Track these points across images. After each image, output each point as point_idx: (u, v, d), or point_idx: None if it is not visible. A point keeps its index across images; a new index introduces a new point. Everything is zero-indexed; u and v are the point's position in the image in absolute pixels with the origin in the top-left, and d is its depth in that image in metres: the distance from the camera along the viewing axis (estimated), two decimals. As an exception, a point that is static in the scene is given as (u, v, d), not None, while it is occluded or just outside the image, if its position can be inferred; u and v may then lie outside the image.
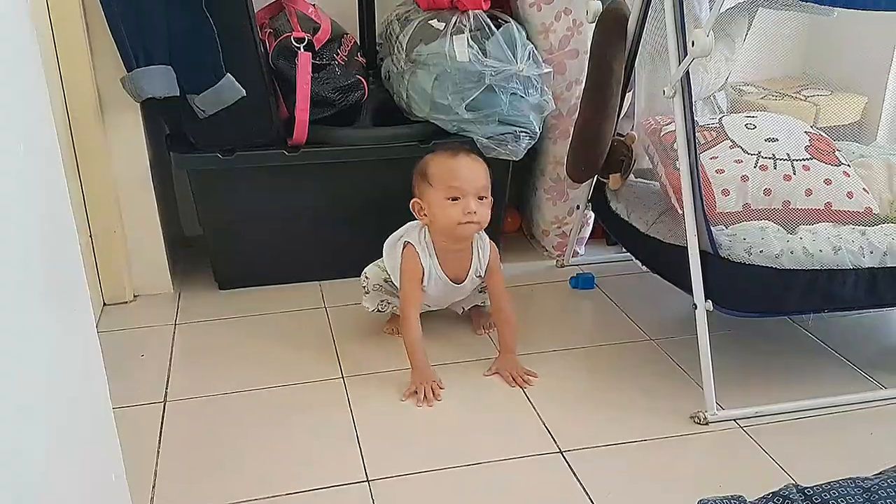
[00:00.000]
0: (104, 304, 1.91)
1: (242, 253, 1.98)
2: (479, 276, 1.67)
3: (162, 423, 1.47)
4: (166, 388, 1.58)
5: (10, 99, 0.79)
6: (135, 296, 1.95)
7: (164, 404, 1.53)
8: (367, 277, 1.73)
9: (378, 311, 1.74)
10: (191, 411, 1.51)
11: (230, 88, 1.75)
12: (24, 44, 0.85)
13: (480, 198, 1.56)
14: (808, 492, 1.02)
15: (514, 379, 1.58)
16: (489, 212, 1.58)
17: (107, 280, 1.90)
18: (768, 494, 1.03)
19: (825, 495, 1.01)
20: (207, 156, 1.81)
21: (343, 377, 1.61)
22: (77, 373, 0.93)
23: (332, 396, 1.55)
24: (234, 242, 1.96)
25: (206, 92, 1.74)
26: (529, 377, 1.59)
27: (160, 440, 1.42)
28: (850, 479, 1.07)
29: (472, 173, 1.56)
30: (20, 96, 0.82)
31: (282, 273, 2.00)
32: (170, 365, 1.67)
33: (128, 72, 1.70)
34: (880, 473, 1.10)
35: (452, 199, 1.54)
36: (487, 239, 1.67)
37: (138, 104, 1.79)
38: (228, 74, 1.74)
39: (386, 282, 1.72)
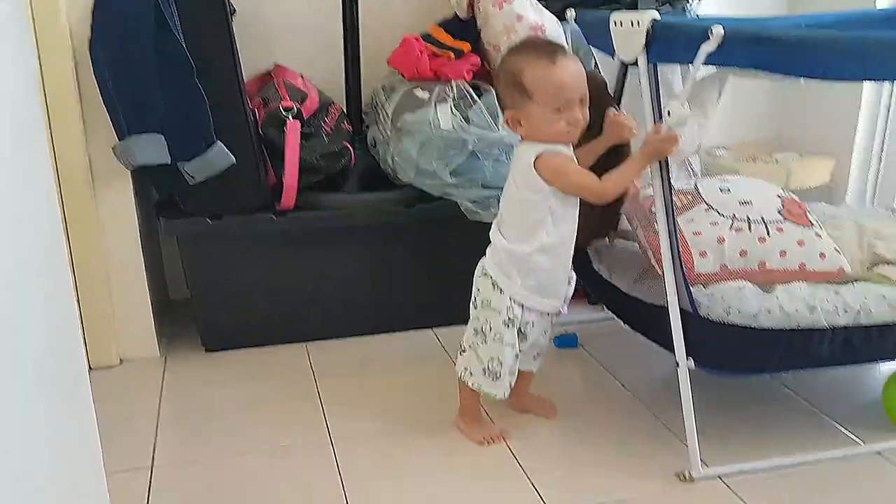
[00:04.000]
0: (90, 368, 1.91)
1: (230, 315, 1.99)
2: None
3: (149, 489, 1.46)
4: (153, 453, 1.57)
5: (18, 175, 0.82)
6: (121, 360, 1.95)
7: (152, 469, 1.52)
8: (500, 362, 1.52)
9: (504, 396, 1.55)
10: (178, 477, 1.50)
11: (220, 156, 1.80)
12: (33, 123, 0.89)
13: (582, 101, 1.43)
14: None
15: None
16: (587, 113, 1.45)
17: (93, 344, 1.90)
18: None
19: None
20: (196, 221, 1.85)
21: (331, 441, 1.61)
22: (76, 441, 0.94)
23: (320, 461, 1.55)
24: (222, 305, 1.98)
25: (197, 159, 1.78)
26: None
27: (147, 506, 1.42)
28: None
29: (576, 80, 1.41)
30: (28, 171, 0.86)
31: (269, 335, 2.02)
32: (157, 429, 1.66)
33: (119, 140, 1.75)
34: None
35: (558, 111, 1.41)
36: None
37: (129, 172, 1.83)
38: (219, 142, 1.79)
39: (517, 358, 1.54)
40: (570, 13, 1.82)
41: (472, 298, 1.55)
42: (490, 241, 1.54)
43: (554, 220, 1.47)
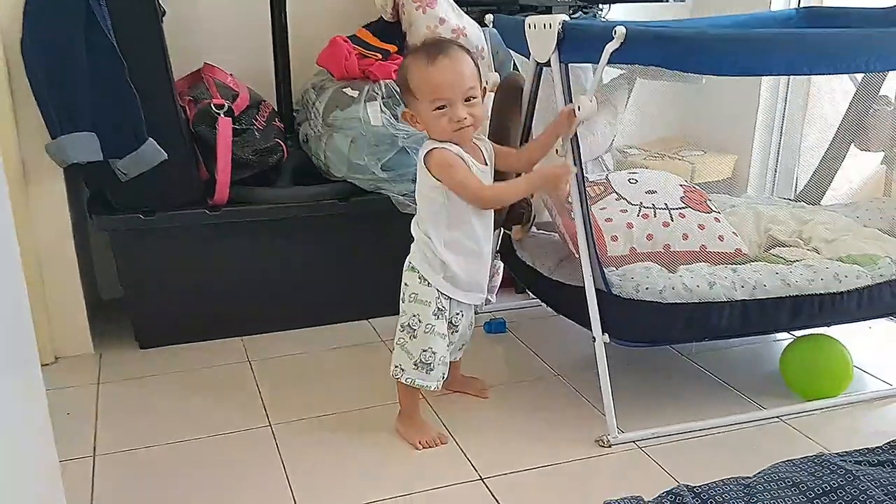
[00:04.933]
0: (22, 367, 1.90)
1: (163, 311, 2.02)
2: (489, 162, 1.58)
3: (93, 476, 1.49)
4: (94, 444, 1.60)
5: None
6: (56, 358, 1.96)
7: (94, 458, 1.55)
8: (433, 352, 1.54)
9: (436, 387, 1.58)
10: (120, 464, 1.54)
11: (152, 152, 1.83)
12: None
13: (468, 99, 1.45)
14: (697, 490, 1.17)
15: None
16: (482, 109, 1.48)
17: (25, 343, 1.90)
18: (663, 493, 1.17)
19: (711, 492, 1.16)
20: (129, 216, 1.88)
21: (270, 425, 1.67)
22: (33, 431, 0.97)
23: (261, 444, 1.61)
24: (155, 301, 2.00)
25: (129, 156, 1.82)
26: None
27: (92, 493, 1.44)
28: (732, 478, 1.23)
29: (454, 76, 1.43)
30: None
31: (203, 330, 2.05)
32: (96, 422, 1.69)
33: (52, 138, 1.77)
34: (758, 473, 1.26)
35: (439, 109, 1.44)
36: (484, 138, 1.61)
37: (62, 169, 1.84)
38: (150, 139, 1.82)
39: (448, 348, 1.58)
40: (489, 18, 1.94)
41: (401, 294, 1.58)
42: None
43: (451, 215, 1.51)
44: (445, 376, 1.59)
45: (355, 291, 2.15)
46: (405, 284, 1.57)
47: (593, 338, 1.62)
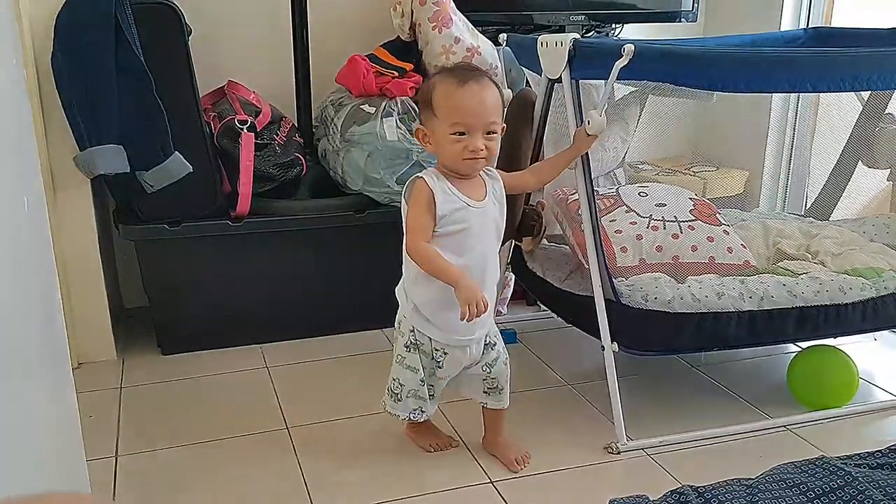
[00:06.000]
0: (48, 372, 1.97)
1: (186, 319, 2.08)
2: (498, 201, 1.49)
3: (115, 476, 1.55)
4: (117, 445, 1.66)
5: (16, 160, 0.93)
6: (79, 363, 2.02)
7: (116, 459, 1.61)
8: (401, 384, 1.51)
9: (410, 419, 1.55)
10: (142, 465, 1.59)
11: (178, 165, 1.90)
12: (26, 117, 1.00)
13: (488, 132, 1.40)
14: (700, 489, 1.20)
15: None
16: (498, 144, 1.43)
17: (52, 349, 1.96)
18: (667, 493, 1.21)
19: (714, 491, 1.19)
20: (155, 227, 1.94)
21: (287, 428, 1.72)
22: (64, 430, 1.03)
23: (278, 446, 1.65)
24: (178, 309, 2.07)
25: (155, 168, 1.88)
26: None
27: (115, 492, 1.50)
28: (735, 479, 1.26)
29: (480, 106, 1.38)
30: (24, 162, 0.97)
31: (224, 337, 2.11)
32: (118, 424, 1.74)
33: (80, 150, 1.84)
34: (760, 475, 1.29)
35: (458, 134, 1.39)
36: (494, 171, 1.52)
37: (89, 180, 1.91)
38: (176, 152, 1.89)
39: (422, 383, 1.51)
40: (503, 37, 2.00)
41: None
42: None
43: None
44: (425, 410, 1.53)
45: (370, 301, 2.19)
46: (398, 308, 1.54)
47: (602, 347, 1.66)
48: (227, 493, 1.50)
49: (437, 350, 1.50)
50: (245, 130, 1.98)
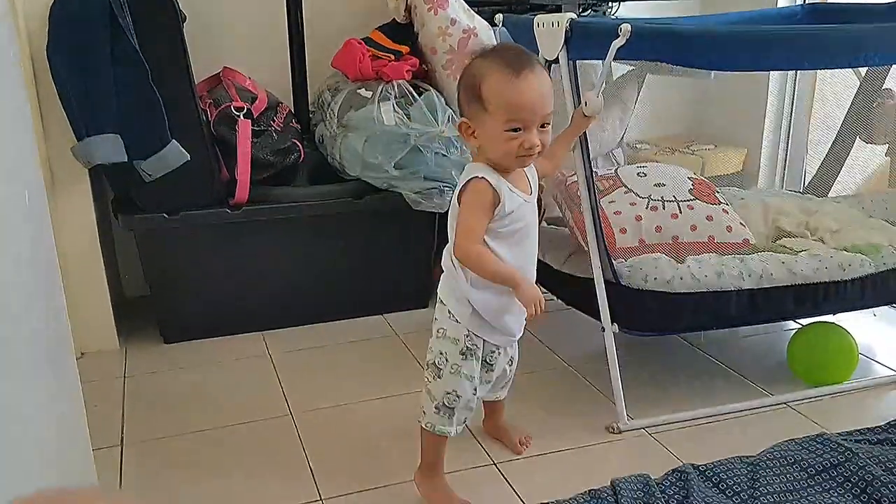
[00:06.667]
0: (51, 362, 1.98)
1: (187, 307, 2.09)
2: (534, 188, 1.40)
3: (121, 464, 1.56)
4: (122, 433, 1.67)
5: (15, 154, 0.93)
6: (82, 353, 2.02)
7: (122, 447, 1.62)
8: (458, 395, 1.38)
9: (453, 434, 1.43)
10: (146, 453, 1.60)
11: (175, 154, 1.90)
12: (24, 110, 1.00)
13: (543, 125, 1.28)
14: (702, 468, 1.21)
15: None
16: (550, 135, 1.31)
17: (54, 339, 1.97)
18: (669, 471, 1.22)
19: (715, 469, 1.20)
20: (153, 216, 1.94)
21: (291, 414, 1.73)
22: (70, 418, 1.03)
23: (282, 433, 1.67)
24: (179, 297, 2.07)
25: (152, 157, 1.88)
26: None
27: (121, 480, 1.51)
28: (736, 457, 1.27)
29: (538, 97, 1.25)
30: (24, 156, 0.97)
31: (226, 325, 2.12)
32: (123, 413, 1.75)
33: (78, 140, 1.83)
34: (762, 452, 1.31)
35: (513, 130, 1.26)
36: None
37: (87, 171, 1.91)
38: (173, 141, 1.89)
39: (475, 392, 1.41)
40: (499, 17, 1.99)
41: (433, 328, 1.42)
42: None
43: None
44: (468, 422, 1.46)
45: (370, 287, 2.20)
46: (435, 318, 1.41)
47: (602, 328, 1.66)
48: (231, 480, 1.51)
49: (491, 352, 1.42)
50: (241, 117, 1.97)
